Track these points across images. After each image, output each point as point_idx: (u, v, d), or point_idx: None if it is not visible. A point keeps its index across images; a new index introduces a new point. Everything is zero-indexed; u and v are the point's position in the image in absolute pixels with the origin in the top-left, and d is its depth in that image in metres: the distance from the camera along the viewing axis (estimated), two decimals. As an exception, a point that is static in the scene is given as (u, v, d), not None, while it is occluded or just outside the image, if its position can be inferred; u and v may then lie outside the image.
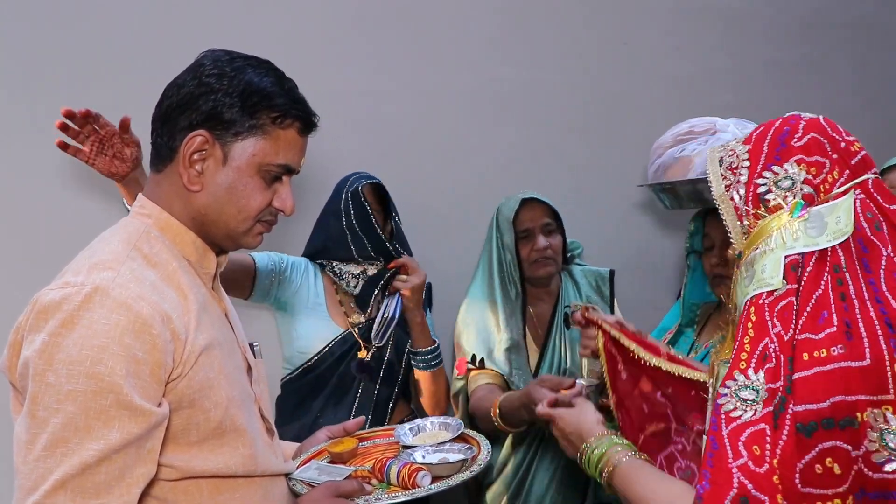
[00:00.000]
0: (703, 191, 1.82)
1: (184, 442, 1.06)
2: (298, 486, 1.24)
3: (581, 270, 2.14)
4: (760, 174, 1.10)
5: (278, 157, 1.11)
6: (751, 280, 1.08)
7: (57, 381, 0.95)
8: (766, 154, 1.11)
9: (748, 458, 0.98)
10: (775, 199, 1.08)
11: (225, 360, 1.11)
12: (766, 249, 1.07)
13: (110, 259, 1.03)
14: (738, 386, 1.03)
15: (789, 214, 1.06)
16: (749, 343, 1.04)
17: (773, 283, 1.04)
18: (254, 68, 1.11)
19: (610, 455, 1.26)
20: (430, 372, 2.00)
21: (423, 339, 2.00)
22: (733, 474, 0.97)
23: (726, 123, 1.93)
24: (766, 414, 0.99)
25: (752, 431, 0.99)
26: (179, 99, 1.09)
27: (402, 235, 2.07)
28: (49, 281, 1.03)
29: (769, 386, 1.00)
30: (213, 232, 1.13)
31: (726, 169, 1.14)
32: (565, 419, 1.40)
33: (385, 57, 2.35)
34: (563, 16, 2.52)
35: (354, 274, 1.99)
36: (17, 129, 2.04)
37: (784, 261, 1.05)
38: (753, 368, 1.02)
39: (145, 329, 0.98)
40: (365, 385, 1.97)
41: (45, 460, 0.94)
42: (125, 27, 2.10)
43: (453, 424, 1.42)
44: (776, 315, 1.03)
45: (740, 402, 1.01)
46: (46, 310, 0.98)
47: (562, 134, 2.52)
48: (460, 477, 1.23)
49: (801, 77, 2.72)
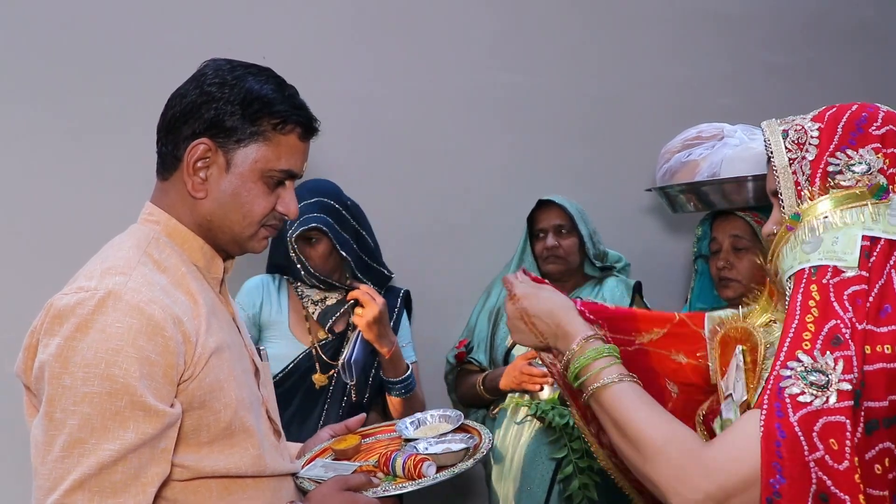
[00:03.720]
0: (711, 192, 1.88)
1: (194, 442, 1.08)
2: (306, 484, 1.26)
3: (615, 280, 2.24)
4: (833, 153, 1.07)
5: (280, 162, 1.14)
6: (814, 248, 1.04)
7: (73, 383, 0.97)
8: (839, 136, 1.08)
9: (825, 452, 0.92)
10: (846, 181, 1.06)
11: (234, 363, 1.14)
12: (836, 222, 1.04)
13: (122, 264, 1.06)
14: (804, 368, 0.96)
15: (871, 194, 1.04)
16: (813, 323, 0.98)
17: (847, 260, 1.01)
18: (254, 76, 1.14)
19: (598, 367, 1.11)
20: (401, 398, 1.96)
21: (391, 369, 1.93)
22: (811, 469, 0.92)
23: (734, 129, 1.99)
24: (845, 407, 0.93)
25: (826, 422, 0.93)
26: (182, 108, 1.12)
27: (369, 255, 2.03)
28: (62, 285, 1.06)
29: (848, 376, 0.94)
30: (219, 237, 1.16)
31: (792, 143, 1.11)
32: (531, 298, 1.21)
33: (385, 62, 2.36)
34: (564, 21, 2.53)
35: (314, 300, 1.98)
36: (25, 133, 2.05)
37: (860, 241, 1.02)
38: (820, 350, 0.96)
39: (158, 331, 1.01)
40: (331, 402, 1.94)
41: (62, 461, 0.96)
42: (129, 33, 2.12)
43: (453, 416, 1.44)
44: (846, 299, 0.99)
45: (809, 387, 0.94)
46: (61, 314, 1.00)
47: (564, 139, 2.53)
48: (464, 465, 1.26)
49: (802, 81, 2.74)
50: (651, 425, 1.03)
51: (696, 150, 2.01)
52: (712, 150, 1.98)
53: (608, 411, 1.08)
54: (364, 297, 1.86)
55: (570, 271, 2.23)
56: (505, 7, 2.49)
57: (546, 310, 1.20)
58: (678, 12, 2.65)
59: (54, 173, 2.06)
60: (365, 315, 1.84)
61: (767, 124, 1.16)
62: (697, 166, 1.97)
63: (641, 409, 1.06)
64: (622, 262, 2.31)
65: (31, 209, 2.06)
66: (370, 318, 1.84)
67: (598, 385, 1.10)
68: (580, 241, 2.22)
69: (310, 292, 1.98)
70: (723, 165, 1.91)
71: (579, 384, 1.13)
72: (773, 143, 1.13)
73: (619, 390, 1.08)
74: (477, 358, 2.22)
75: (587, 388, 1.11)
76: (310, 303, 1.97)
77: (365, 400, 1.99)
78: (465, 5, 2.44)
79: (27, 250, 2.05)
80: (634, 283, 2.24)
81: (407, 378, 1.95)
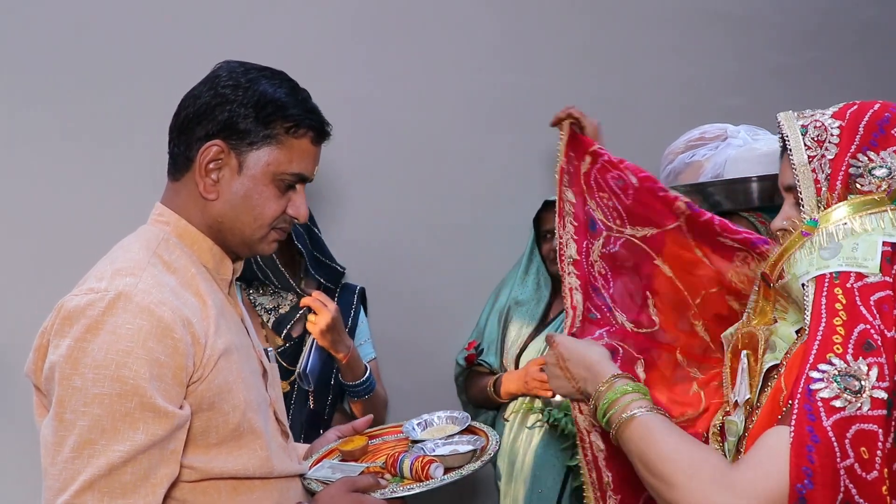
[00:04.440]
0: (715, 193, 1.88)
1: (203, 443, 1.09)
2: (314, 485, 1.26)
3: None
4: (855, 155, 1.06)
5: (292, 165, 1.15)
6: (834, 254, 1.02)
7: (83, 384, 0.98)
8: (861, 136, 1.06)
9: (855, 460, 0.90)
10: (867, 185, 1.05)
11: (242, 364, 1.15)
12: (856, 228, 1.03)
13: (132, 265, 1.06)
14: (837, 372, 0.94)
15: (890, 200, 1.03)
16: (842, 326, 0.97)
17: (869, 267, 1.00)
18: (268, 79, 1.14)
19: (625, 402, 1.12)
20: (361, 400, 1.96)
21: (349, 373, 1.91)
22: (840, 476, 0.90)
23: (737, 130, 1.98)
24: (879, 415, 0.91)
25: (859, 429, 0.91)
26: (196, 109, 1.12)
27: (320, 251, 1.99)
28: (72, 286, 1.07)
29: (882, 384, 0.93)
30: (229, 239, 1.17)
31: (811, 140, 1.09)
32: (567, 344, 1.26)
33: (388, 64, 2.35)
34: (568, 21, 2.51)
35: (267, 308, 1.95)
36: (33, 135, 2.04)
37: (881, 247, 1.01)
38: (853, 355, 0.95)
39: (168, 333, 1.02)
40: (295, 407, 1.92)
41: (72, 462, 0.97)
42: (133, 36, 2.11)
43: (460, 417, 1.45)
44: (873, 304, 0.98)
45: (843, 391, 0.93)
46: (71, 315, 1.01)
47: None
48: (472, 466, 1.26)
49: (809, 81, 2.71)
50: (678, 451, 1.03)
51: (700, 150, 2.01)
52: (716, 150, 1.98)
53: (636, 442, 1.08)
54: (315, 303, 1.83)
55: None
56: (507, 7, 2.47)
57: (579, 352, 1.23)
58: (682, 12, 2.63)
59: (63, 174, 2.05)
60: (318, 322, 1.82)
61: (785, 117, 1.14)
62: (701, 167, 1.97)
63: (669, 437, 1.05)
64: None
65: (41, 210, 2.05)
66: (323, 325, 1.81)
67: (625, 416, 1.10)
68: None
69: (262, 299, 1.95)
70: (726, 166, 1.91)
71: (607, 419, 1.14)
72: (792, 138, 1.11)
73: (647, 420, 1.08)
74: (487, 360, 2.21)
75: (614, 421, 1.12)
76: (263, 311, 1.94)
77: (327, 405, 1.97)
78: (468, 6, 2.44)
79: (37, 251, 2.04)
80: None
81: (366, 381, 1.94)
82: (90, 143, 2.08)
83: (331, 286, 2.02)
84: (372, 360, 2.06)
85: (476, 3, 2.44)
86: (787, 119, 1.14)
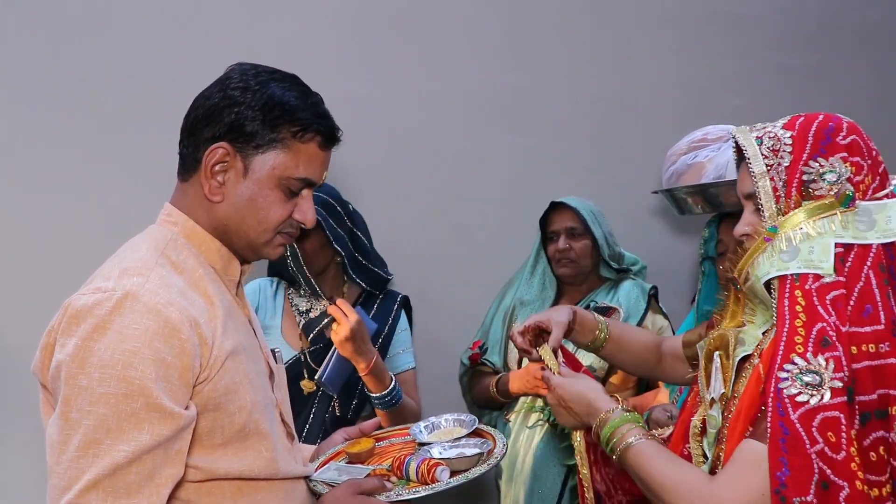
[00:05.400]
0: (717, 194, 1.88)
1: (209, 444, 1.09)
2: (319, 487, 1.26)
3: (632, 283, 2.23)
4: (807, 162, 1.14)
5: (298, 170, 1.13)
6: (792, 257, 1.12)
7: (89, 384, 0.97)
8: (811, 144, 1.15)
9: (824, 445, 1.02)
10: (819, 189, 1.13)
11: (249, 366, 1.14)
12: (811, 232, 1.12)
13: (140, 265, 1.06)
14: (798, 370, 1.06)
15: (839, 203, 1.11)
16: (802, 327, 1.08)
17: (824, 268, 1.10)
18: (278, 82, 1.13)
19: (623, 432, 1.26)
20: (387, 411, 1.90)
21: (373, 384, 1.87)
22: (812, 460, 1.02)
23: None
24: (839, 403, 1.03)
25: (824, 417, 1.03)
26: (205, 111, 1.12)
27: (364, 255, 1.99)
28: (79, 285, 1.06)
29: (838, 375, 1.04)
30: (235, 242, 1.16)
31: (768, 149, 1.17)
32: (565, 386, 1.38)
33: (391, 65, 2.36)
34: (571, 22, 2.52)
35: (301, 310, 1.97)
36: (41, 135, 2.05)
37: (833, 248, 1.10)
38: (812, 353, 1.06)
39: (174, 334, 1.01)
40: (318, 408, 1.92)
41: (77, 461, 0.97)
42: (135, 38, 2.13)
43: (467, 420, 1.44)
44: (829, 303, 1.08)
45: (805, 387, 1.05)
46: (78, 314, 1.00)
47: (570, 141, 2.52)
48: (478, 470, 1.25)
49: (812, 82, 2.72)
50: (667, 472, 1.18)
51: (702, 151, 2.02)
52: (718, 151, 1.99)
53: (633, 467, 1.23)
54: (337, 313, 1.81)
55: (583, 274, 2.22)
56: (507, 7, 2.48)
57: (577, 392, 1.36)
58: (686, 12, 2.63)
59: (71, 176, 2.07)
60: (338, 333, 1.80)
61: (739, 131, 1.23)
62: (703, 168, 1.98)
63: (657, 460, 1.20)
64: (638, 264, 2.30)
65: (48, 210, 2.07)
66: (342, 336, 1.79)
67: (623, 445, 1.24)
68: (594, 243, 2.20)
69: (298, 301, 1.97)
70: (728, 167, 1.92)
71: (610, 448, 1.28)
72: (750, 149, 1.19)
73: (641, 447, 1.23)
74: (491, 360, 2.21)
75: (616, 449, 1.26)
76: (297, 312, 1.96)
77: (351, 409, 1.96)
78: (468, 6, 2.44)
79: (45, 251, 2.06)
80: (650, 288, 2.22)
81: (390, 392, 1.88)
82: (98, 144, 2.09)
83: (373, 291, 2.01)
84: (409, 370, 2.03)
85: (476, 3, 2.45)
86: (742, 132, 1.23)
